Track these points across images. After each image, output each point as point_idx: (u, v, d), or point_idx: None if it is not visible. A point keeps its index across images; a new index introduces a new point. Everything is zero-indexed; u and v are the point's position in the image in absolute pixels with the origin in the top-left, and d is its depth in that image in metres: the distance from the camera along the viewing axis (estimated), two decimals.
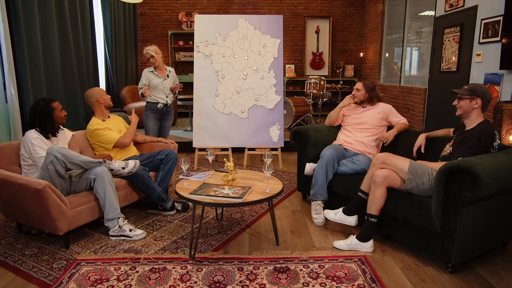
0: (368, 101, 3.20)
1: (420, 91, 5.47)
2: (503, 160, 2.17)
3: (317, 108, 7.32)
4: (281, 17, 4.64)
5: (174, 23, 8.20)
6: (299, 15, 8.22)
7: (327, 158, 2.92)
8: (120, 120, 3.37)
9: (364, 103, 3.23)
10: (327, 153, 2.95)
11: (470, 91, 2.33)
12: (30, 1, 4.11)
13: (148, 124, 4.04)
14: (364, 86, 3.18)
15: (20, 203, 2.45)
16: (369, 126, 3.15)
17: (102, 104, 3.15)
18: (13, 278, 2.16)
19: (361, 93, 3.19)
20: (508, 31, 3.52)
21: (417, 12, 6.01)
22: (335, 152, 2.97)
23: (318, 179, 2.93)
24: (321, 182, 2.92)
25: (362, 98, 3.19)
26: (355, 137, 3.14)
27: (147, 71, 4.02)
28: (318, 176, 2.93)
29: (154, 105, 4.03)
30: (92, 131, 3.05)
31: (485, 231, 2.23)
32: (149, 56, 3.95)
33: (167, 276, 2.16)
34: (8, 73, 3.82)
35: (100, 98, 3.12)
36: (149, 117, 4.03)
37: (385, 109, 3.17)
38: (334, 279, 2.13)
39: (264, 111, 4.56)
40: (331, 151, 2.95)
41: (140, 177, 2.89)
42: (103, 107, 3.16)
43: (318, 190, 2.93)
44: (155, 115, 4.06)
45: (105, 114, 3.20)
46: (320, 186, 2.92)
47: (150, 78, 4.00)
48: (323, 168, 2.92)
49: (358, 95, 3.20)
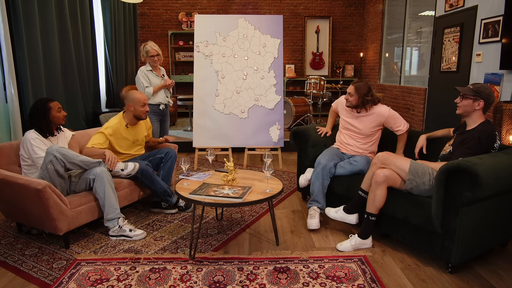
0: (362, 107, 2.94)
1: (420, 91, 5.47)
2: (503, 160, 2.17)
3: (317, 108, 7.33)
4: (281, 17, 4.64)
5: (174, 23, 8.20)
6: (299, 15, 8.22)
7: (322, 166, 2.85)
8: (146, 128, 3.22)
9: (358, 108, 2.96)
10: (322, 160, 2.88)
11: (475, 92, 2.30)
12: (30, 1, 4.11)
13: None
14: (356, 90, 2.89)
15: (20, 203, 2.45)
16: (364, 135, 3.01)
17: (132, 112, 2.99)
18: (13, 278, 2.16)
19: (353, 98, 2.92)
20: (508, 31, 3.52)
21: (417, 12, 6.01)
22: (331, 157, 2.92)
23: (315, 188, 2.87)
24: (317, 189, 2.86)
25: (354, 103, 2.93)
26: (350, 143, 3.07)
27: (145, 70, 3.82)
28: (314, 184, 2.88)
29: (156, 107, 3.89)
30: (102, 129, 2.89)
31: (485, 231, 2.23)
32: (155, 54, 3.77)
33: (167, 276, 2.16)
34: (8, 73, 3.82)
35: (132, 106, 2.97)
36: (153, 121, 3.78)
37: (381, 116, 2.92)
38: (334, 279, 2.13)
39: (264, 111, 4.56)
40: (326, 157, 2.90)
41: (145, 172, 2.88)
42: (132, 115, 3.01)
43: (315, 197, 2.88)
44: (157, 118, 3.93)
45: (132, 122, 3.03)
46: (316, 194, 2.86)
47: (150, 78, 3.83)
48: (318, 175, 2.86)
49: (350, 100, 2.94)
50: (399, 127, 2.93)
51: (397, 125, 2.93)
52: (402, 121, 2.94)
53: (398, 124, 2.92)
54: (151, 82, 3.85)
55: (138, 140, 3.14)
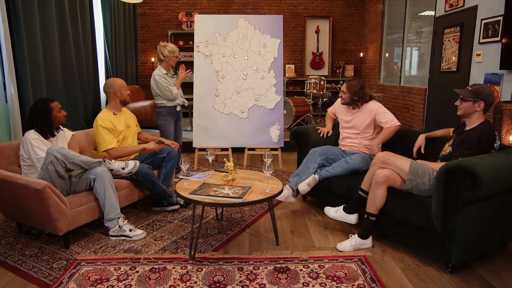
0: (354, 103, 3.05)
1: (420, 91, 5.47)
2: (503, 160, 2.17)
3: (317, 108, 7.33)
4: (281, 17, 4.64)
5: (174, 23, 8.20)
6: (299, 15, 8.21)
7: (310, 152, 3.05)
8: (131, 115, 3.29)
9: (351, 105, 3.09)
10: (312, 149, 3.08)
11: (474, 94, 2.30)
12: (30, 1, 4.11)
13: (168, 130, 3.81)
14: (348, 88, 3.04)
15: (20, 203, 2.45)
16: (360, 131, 3.08)
17: (118, 98, 3.07)
18: (13, 278, 2.16)
19: (346, 96, 3.06)
20: (508, 31, 3.52)
21: (417, 12, 6.01)
22: (324, 148, 3.08)
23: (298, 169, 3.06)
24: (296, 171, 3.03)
25: (348, 101, 3.07)
26: (348, 140, 3.15)
27: (162, 74, 3.69)
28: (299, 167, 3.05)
29: (173, 109, 3.83)
30: (98, 125, 2.94)
31: (485, 231, 2.23)
32: (177, 55, 3.73)
33: (167, 276, 2.16)
34: (8, 73, 3.82)
35: (119, 91, 3.04)
36: (169, 122, 3.81)
37: (371, 111, 3.00)
38: (334, 279, 2.13)
39: (264, 111, 4.56)
40: (318, 148, 3.08)
41: (147, 176, 2.90)
42: (118, 101, 3.08)
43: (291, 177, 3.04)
44: (173, 118, 3.87)
45: (117, 108, 3.10)
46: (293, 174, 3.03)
47: (168, 80, 3.72)
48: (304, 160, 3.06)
49: (344, 98, 3.09)
50: (387, 122, 2.94)
51: (384, 120, 2.95)
52: (390, 118, 2.94)
53: (386, 120, 2.95)
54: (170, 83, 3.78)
55: (130, 126, 3.19)
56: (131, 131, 3.18)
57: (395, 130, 2.92)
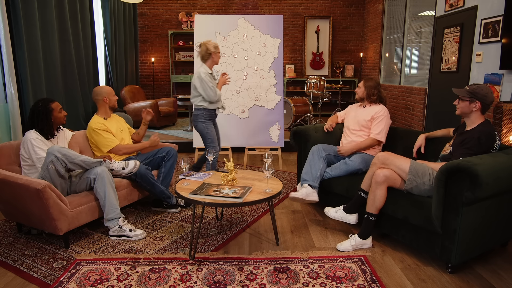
0: (367, 98, 3.09)
1: (420, 91, 5.47)
2: (503, 160, 2.17)
3: (317, 108, 7.32)
4: (281, 17, 4.65)
5: (174, 23, 8.20)
6: (299, 15, 8.22)
7: (313, 149, 3.02)
8: (121, 119, 3.36)
9: (364, 101, 3.14)
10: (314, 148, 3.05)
11: (471, 94, 2.30)
12: (30, 1, 4.11)
13: (211, 133, 3.54)
14: (364, 83, 3.13)
15: (20, 203, 2.45)
16: (359, 125, 3.07)
17: (107, 104, 3.12)
18: (13, 278, 2.16)
19: (360, 90, 3.14)
20: (508, 31, 3.52)
21: (417, 12, 6.01)
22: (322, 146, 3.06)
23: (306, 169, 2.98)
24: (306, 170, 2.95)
25: (361, 95, 3.13)
26: (348, 139, 3.13)
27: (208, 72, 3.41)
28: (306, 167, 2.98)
29: (213, 112, 3.58)
30: (93, 130, 3.03)
31: (485, 231, 2.23)
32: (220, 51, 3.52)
33: (167, 276, 2.16)
34: (8, 73, 3.82)
35: (107, 98, 3.10)
36: (210, 125, 3.56)
37: (373, 112, 3.03)
38: (334, 279, 2.13)
39: (264, 111, 4.56)
40: (318, 145, 3.05)
41: (145, 177, 2.91)
42: (107, 107, 3.14)
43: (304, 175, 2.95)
44: (213, 122, 3.64)
45: (107, 113, 3.17)
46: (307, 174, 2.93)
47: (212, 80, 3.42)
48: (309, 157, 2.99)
49: (358, 92, 3.17)
50: (372, 132, 2.99)
51: (373, 129, 3.00)
52: (378, 131, 2.97)
53: (374, 130, 2.99)
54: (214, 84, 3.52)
55: (123, 129, 3.23)
56: (125, 133, 3.24)
57: (373, 144, 3.00)
